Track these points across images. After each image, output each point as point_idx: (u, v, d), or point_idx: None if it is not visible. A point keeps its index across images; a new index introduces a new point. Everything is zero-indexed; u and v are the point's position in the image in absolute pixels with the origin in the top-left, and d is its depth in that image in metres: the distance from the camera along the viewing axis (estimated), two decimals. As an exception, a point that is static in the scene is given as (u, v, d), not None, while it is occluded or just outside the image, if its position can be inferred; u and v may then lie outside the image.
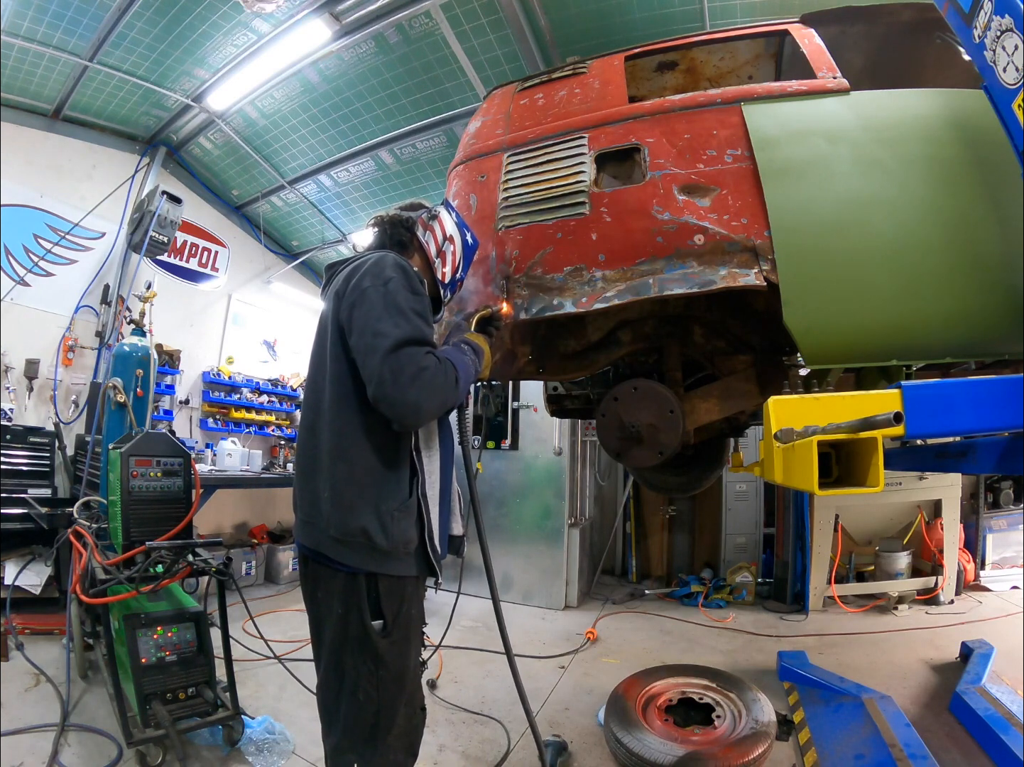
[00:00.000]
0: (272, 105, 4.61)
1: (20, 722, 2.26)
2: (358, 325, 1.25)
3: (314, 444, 1.33)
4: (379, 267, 1.31)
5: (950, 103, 1.68)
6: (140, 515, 2.31)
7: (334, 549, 1.26)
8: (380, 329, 1.21)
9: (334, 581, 1.27)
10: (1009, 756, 2.08)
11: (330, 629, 1.28)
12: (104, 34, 3.84)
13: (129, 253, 4.90)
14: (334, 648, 1.27)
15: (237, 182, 5.71)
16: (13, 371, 4.33)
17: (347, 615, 1.25)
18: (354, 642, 1.24)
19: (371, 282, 1.28)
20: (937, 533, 4.49)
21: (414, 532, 1.28)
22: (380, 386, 1.18)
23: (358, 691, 1.24)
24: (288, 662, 2.77)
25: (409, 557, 1.28)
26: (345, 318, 1.29)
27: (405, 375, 1.17)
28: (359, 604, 1.24)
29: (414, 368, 1.19)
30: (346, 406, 1.29)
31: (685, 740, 2.23)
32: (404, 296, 1.26)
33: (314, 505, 1.29)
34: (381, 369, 1.18)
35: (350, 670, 1.25)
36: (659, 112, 1.82)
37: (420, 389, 1.19)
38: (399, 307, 1.24)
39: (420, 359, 1.20)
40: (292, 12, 3.63)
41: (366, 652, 1.24)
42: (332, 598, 1.28)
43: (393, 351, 1.18)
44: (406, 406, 1.19)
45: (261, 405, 6.17)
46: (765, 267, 1.57)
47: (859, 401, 1.21)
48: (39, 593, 3.37)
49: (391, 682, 1.26)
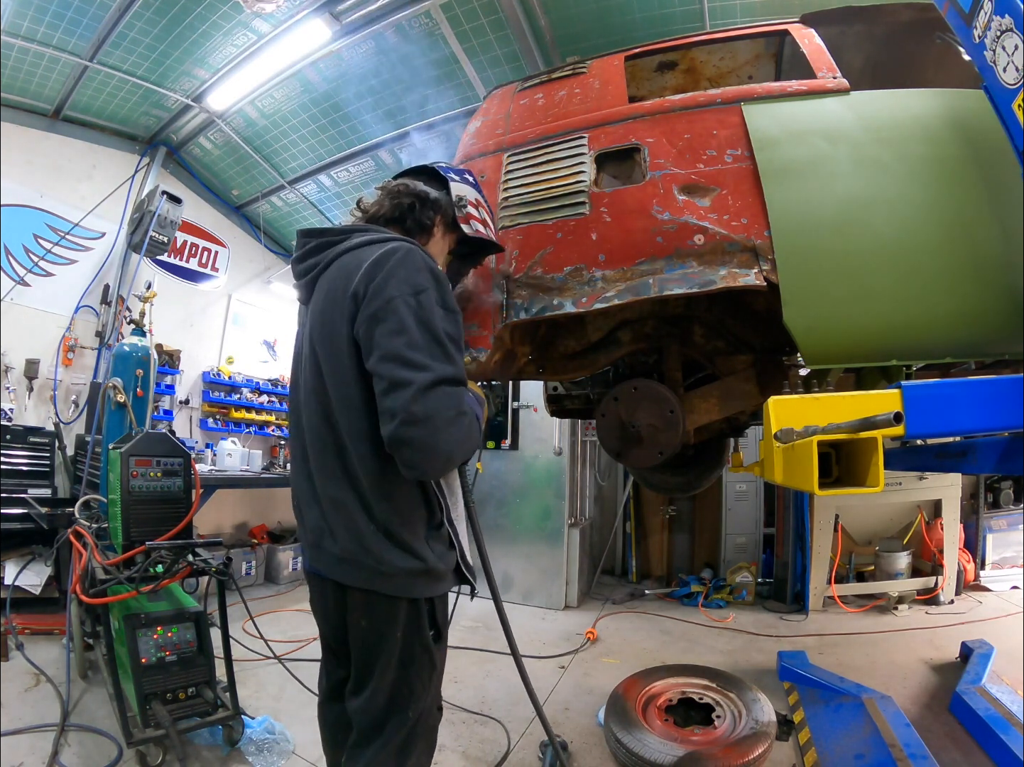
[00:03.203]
0: (272, 105, 4.61)
1: (20, 722, 2.26)
2: (383, 346, 1.07)
3: (344, 477, 1.19)
4: (408, 270, 1.13)
5: (950, 103, 1.68)
6: (140, 515, 2.31)
7: (389, 584, 1.18)
8: (413, 360, 1.04)
9: (391, 609, 1.20)
10: (1009, 756, 2.08)
11: (385, 654, 1.21)
12: (104, 34, 3.84)
13: (129, 253, 4.90)
14: (388, 673, 1.22)
15: (237, 182, 5.71)
16: (13, 371, 4.33)
17: (410, 638, 1.21)
18: (416, 661, 1.23)
19: (398, 292, 1.09)
20: (937, 533, 4.49)
21: (452, 556, 1.27)
22: (406, 426, 1.02)
23: (408, 709, 1.22)
24: (288, 662, 2.78)
25: (451, 574, 1.28)
26: (364, 333, 1.11)
27: (440, 419, 1.02)
28: (420, 625, 1.22)
29: (452, 412, 1.04)
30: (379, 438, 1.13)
31: (685, 740, 2.23)
32: (440, 316, 1.10)
33: (358, 543, 1.17)
34: (411, 408, 1.01)
35: (404, 691, 1.22)
36: (659, 112, 1.82)
37: (453, 437, 1.05)
38: (435, 334, 1.08)
39: (459, 402, 1.06)
40: (292, 12, 3.63)
41: (424, 668, 1.24)
42: (387, 624, 1.21)
43: (429, 389, 1.03)
44: (435, 454, 1.04)
45: (261, 405, 6.17)
46: (765, 267, 1.57)
47: (859, 401, 1.21)
48: (39, 593, 3.36)
49: (434, 689, 1.28)
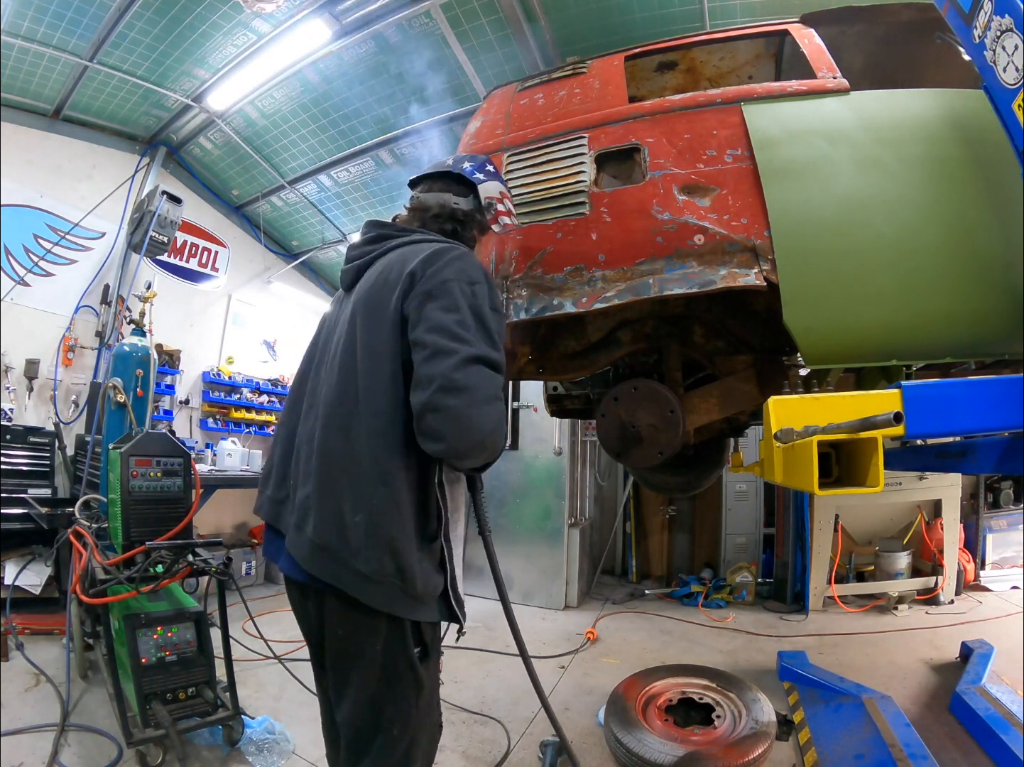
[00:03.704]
0: (272, 105, 4.61)
1: (20, 722, 2.26)
2: (433, 319, 1.04)
3: (344, 453, 1.09)
4: (465, 264, 1.13)
5: (950, 103, 1.68)
6: (140, 515, 2.31)
7: (359, 587, 1.06)
8: (461, 335, 1.01)
9: (370, 622, 1.09)
10: (1009, 756, 2.08)
11: (363, 667, 1.12)
12: (104, 34, 3.84)
13: (129, 253, 4.90)
14: (369, 686, 1.13)
15: (237, 182, 5.71)
16: (13, 371, 4.33)
17: (392, 653, 1.11)
18: (401, 679, 1.12)
19: (455, 276, 1.09)
20: (937, 533, 4.49)
21: (440, 580, 1.12)
22: (443, 393, 0.95)
23: (394, 727, 1.13)
24: (288, 662, 2.78)
25: (435, 603, 1.14)
26: (414, 307, 1.07)
27: (480, 393, 0.97)
28: (404, 642, 1.11)
29: (491, 391, 0.99)
30: (399, 418, 1.07)
31: (685, 740, 2.23)
32: (489, 313, 1.09)
33: (338, 531, 1.06)
34: (453, 375, 0.96)
35: (388, 708, 1.13)
36: (659, 112, 1.82)
37: (489, 416, 0.97)
38: (485, 323, 1.06)
39: (498, 387, 1.01)
40: (292, 12, 3.63)
41: (409, 687, 1.13)
42: (365, 637, 1.11)
43: (473, 363, 0.98)
44: (468, 428, 0.96)
45: (261, 405, 6.17)
46: (765, 267, 1.57)
47: (859, 401, 1.21)
48: (39, 593, 3.36)
49: (425, 708, 1.17)
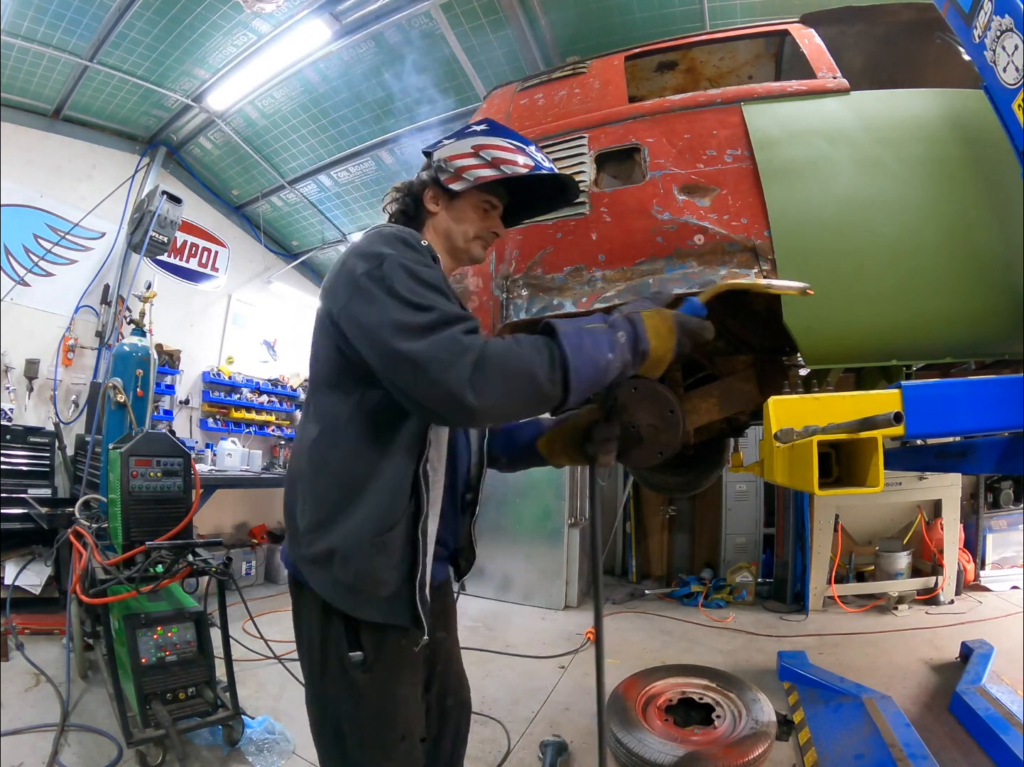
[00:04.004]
0: (272, 105, 4.61)
1: (20, 722, 2.26)
2: (363, 324, 0.94)
3: (296, 446, 1.14)
4: (356, 250, 1.01)
5: (950, 103, 1.68)
6: (140, 515, 2.32)
7: (307, 568, 1.06)
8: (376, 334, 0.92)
9: (311, 604, 1.07)
10: (1009, 756, 2.08)
11: (305, 655, 1.10)
12: (104, 34, 3.84)
13: (129, 253, 4.91)
14: (312, 678, 1.10)
15: (237, 182, 5.71)
16: (13, 371, 4.33)
17: (321, 643, 1.06)
18: (330, 678, 1.06)
19: (344, 269, 1.00)
20: (937, 533, 4.49)
21: (390, 575, 1.00)
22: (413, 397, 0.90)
23: (342, 723, 1.06)
24: (288, 662, 2.77)
25: (383, 602, 1.02)
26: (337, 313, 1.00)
27: (432, 370, 0.86)
28: (335, 636, 1.04)
29: (454, 352, 0.87)
30: (326, 394, 1.05)
31: (685, 740, 2.23)
32: (407, 270, 0.95)
33: (291, 516, 1.10)
34: (409, 387, 0.90)
35: (332, 703, 1.07)
36: (659, 112, 1.82)
37: (455, 374, 0.86)
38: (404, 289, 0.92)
39: (459, 343, 0.88)
40: (292, 12, 3.63)
41: (343, 692, 1.05)
42: (307, 622, 1.09)
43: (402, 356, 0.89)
44: (451, 396, 0.86)
45: (261, 405, 6.17)
46: (765, 267, 1.57)
47: (859, 401, 1.21)
48: (39, 593, 3.37)
49: (375, 720, 1.05)
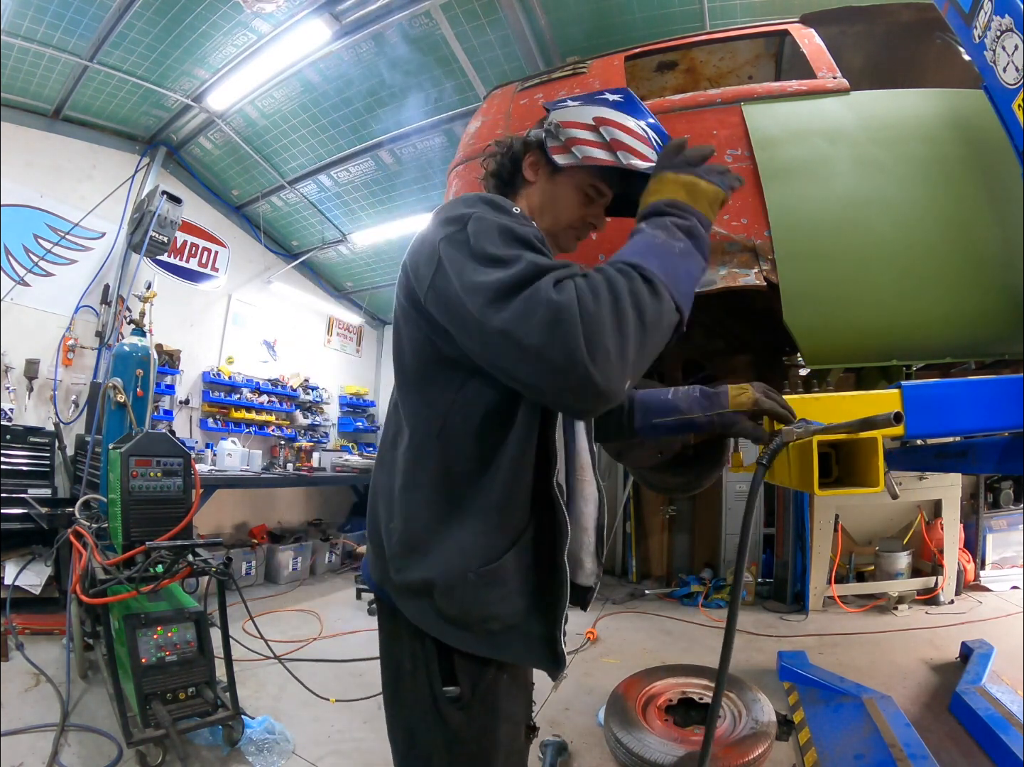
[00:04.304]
0: (272, 105, 4.61)
1: (20, 722, 2.26)
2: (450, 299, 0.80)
3: (380, 454, 1.03)
4: (438, 220, 0.88)
5: (950, 103, 1.68)
6: (140, 515, 2.32)
7: (397, 595, 0.95)
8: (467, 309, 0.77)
9: (402, 629, 0.96)
10: (1009, 756, 2.08)
11: (392, 683, 1.00)
12: (104, 34, 3.83)
13: (129, 253, 4.90)
14: (400, 707, 0.99)
15: (237, 182, 5.71)
16: (13, 371, 4.33)
17: (415, 673, 0.94)
18: (423, 708, 0.94)
19: (425, 242, 0.87)
20: (937, 533, 4.49)
21: (505, 607, 0.89)
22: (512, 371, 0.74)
23: (432, 761, 0.95)
24: (288, 662, 2.78)
25: (493, 636, 0.91)
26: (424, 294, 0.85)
27: (522, 337, 0.71)
28: (427, 665, 0.93)
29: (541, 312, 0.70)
30: (415, 393, 0.93)
31: (685, 740, 2.23)
32: (493, 228, 0.81)
33: (375, 533, 0.99)
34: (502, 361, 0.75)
35: (421, 738, 0.95)
36: (659, 112, 1.80)
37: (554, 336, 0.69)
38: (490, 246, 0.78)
39: (545, 296, 0.71)
40: (292, 12, 3.62)
41: (436, 724, 0.93)
42: (399, 647, 0.98)
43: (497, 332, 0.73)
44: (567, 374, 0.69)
45: (261, 405, 6.17)
46: (765, 267, 1.57)
47: (859, 401, 1.21)
48: (39, 593, 3.36)
49: (470, 761, 0.95)
